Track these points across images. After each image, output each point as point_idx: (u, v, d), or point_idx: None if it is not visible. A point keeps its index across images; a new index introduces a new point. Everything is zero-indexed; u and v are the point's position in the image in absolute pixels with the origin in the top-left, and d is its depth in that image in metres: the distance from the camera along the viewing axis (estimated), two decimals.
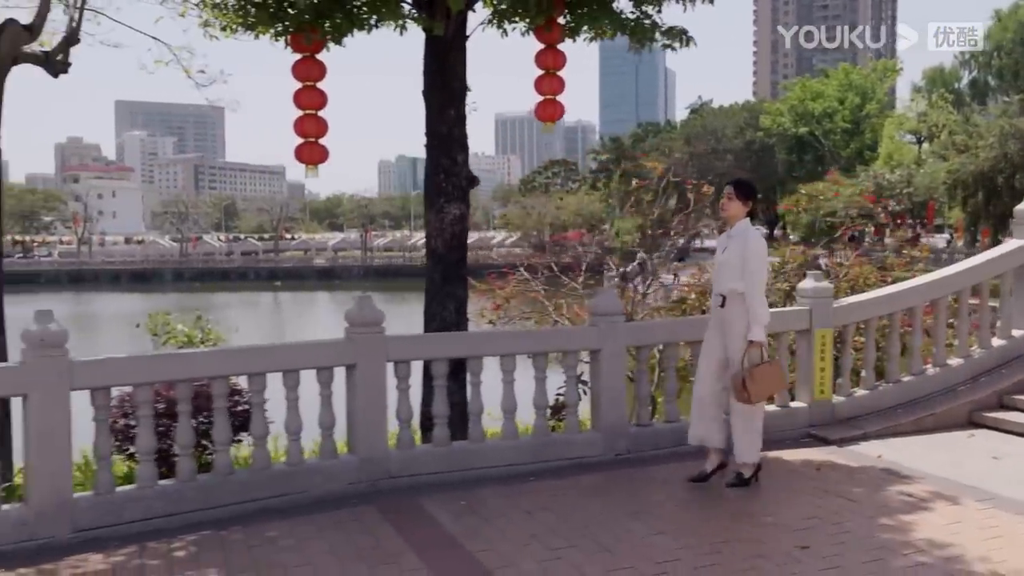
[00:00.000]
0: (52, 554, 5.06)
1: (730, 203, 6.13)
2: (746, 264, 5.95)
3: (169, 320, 8.18)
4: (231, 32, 7.85)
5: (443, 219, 7.77)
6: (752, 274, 5.95)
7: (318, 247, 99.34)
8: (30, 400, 5.16)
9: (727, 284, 6.05)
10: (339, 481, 6.26)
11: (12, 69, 6.47)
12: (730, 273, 6.04)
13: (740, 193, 6.14)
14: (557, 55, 8.11)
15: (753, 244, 6.01)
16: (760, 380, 5.93)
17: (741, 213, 6.12)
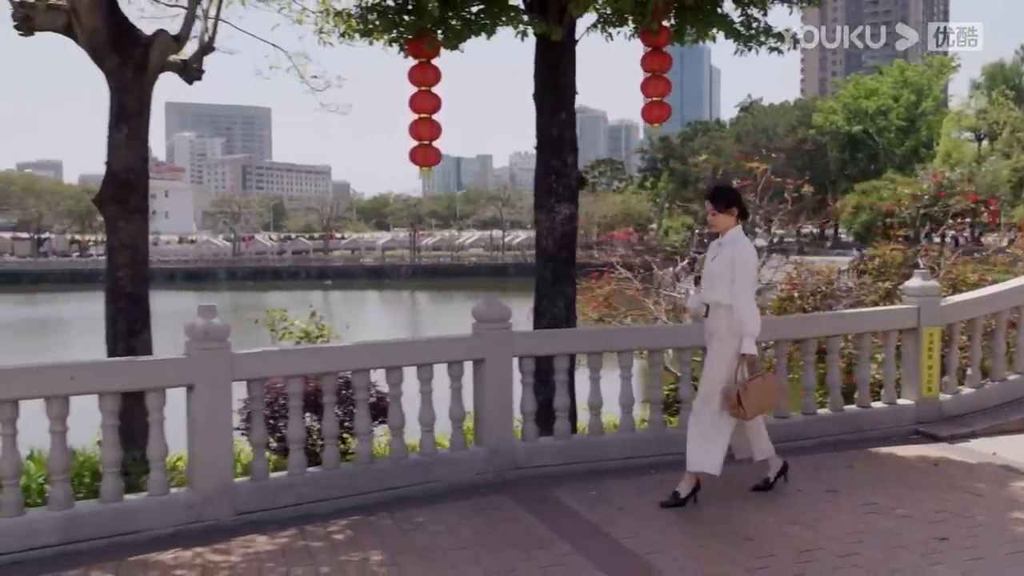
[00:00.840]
0: (219, 535, 5.37)
1: (714, 218, 5.79)
2: (735, 275, 5.64)
3: (286, 316, 8.49)
4: (348, 38, 8.13)
5: (554, 219, 7.97)
6: (740, 285, 5.65)
7: (367, 246, 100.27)
8: (196, 390, 5.46)
9: (713, 294, 5.76)
10: (468, 471, 6.50)
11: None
12: (719, 283, 5.72)
13: (720, 204, 5.78)
14: (663, 58, 8.27)
15: (742, 253, 5.70)
16: (754, 394, 5.68)
17: (730, 222, 5.77)
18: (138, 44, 6.58)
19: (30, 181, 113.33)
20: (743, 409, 5.67)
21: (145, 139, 6.71)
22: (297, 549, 5.15)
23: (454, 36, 7.64)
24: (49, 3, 6.49)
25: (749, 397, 5.66)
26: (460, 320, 19.97)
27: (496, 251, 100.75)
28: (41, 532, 5.06)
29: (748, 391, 5.66)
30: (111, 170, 6.55)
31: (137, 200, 6.61)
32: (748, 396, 5.65)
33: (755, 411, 5.79)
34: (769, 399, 5.98)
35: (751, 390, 5.67)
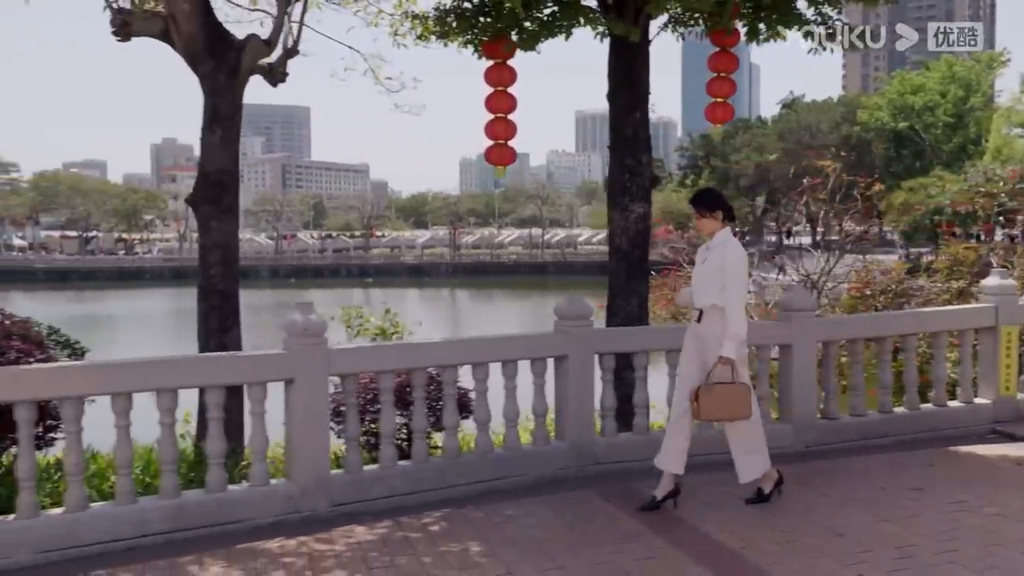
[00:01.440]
0: (318, 526, 5.53)
1: (700, 222, 5.75)
2: (725, 277, 5.55)
3: (362, 313, 8.67)
4: (424, 40, 8.28)
5: (628, 217, 8.06)
6: (731, 288, 5.54)
7: (407, 244, 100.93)
8: (295, 384, 5.63)
9: (705, 298, 5.65)
10: (551, 466, 6.61)
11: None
12: (709, 287, 5.63)
13: (703, 208, 5.70)
14: (731, 59, 8.32)
15: (732, 256, 5.59)
16: (716, 399, 5.49)
17: (716, 225, 5.68)
18: (231, 48, 6.77)
19: (77, 180, 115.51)
20: (698, 407, 5.51)
21: (236, 141, 6.91)
22: (397, 540, 5.29)
23: (530, 37, 7.76)
24: (146, 10, 6.71)
25: (709, 399, 5.47)
26: (506, 318, 19.96)
27: (535, 249, 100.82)
28: (152, 520, 5.25)
29: (712, 393, 5.48)
30: (204, 171, 6.75)
31: (229, 200, 6.81)
32: (708, 398, 5.47)
33: (710, 415, 5.60)
34: (730, 410, 5.59)
35: (716, 394, 5.48)
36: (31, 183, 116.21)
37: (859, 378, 7.50)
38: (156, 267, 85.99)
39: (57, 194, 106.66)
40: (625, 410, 7.14)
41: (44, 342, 5.51)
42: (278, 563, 4.91)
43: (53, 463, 6.51)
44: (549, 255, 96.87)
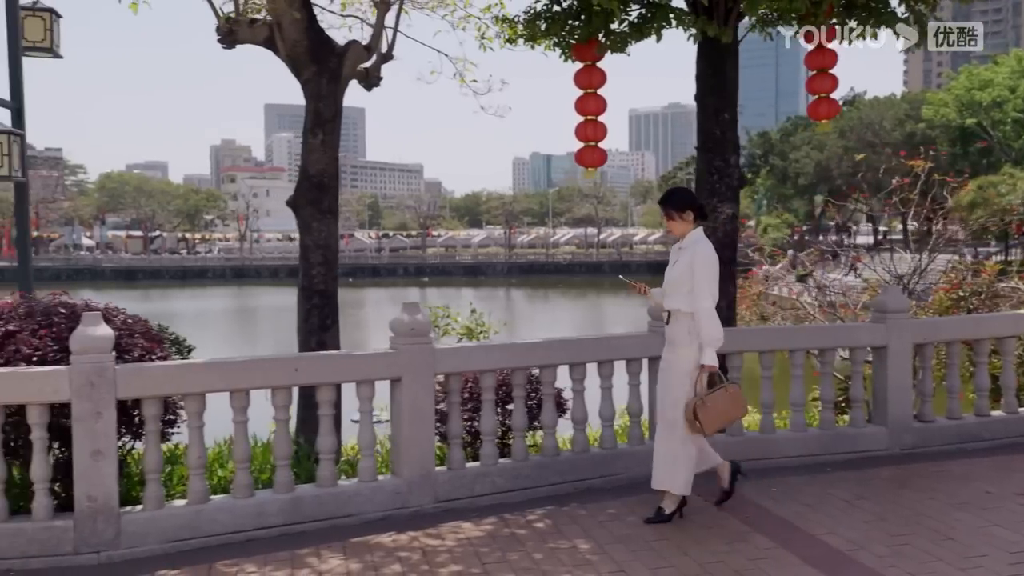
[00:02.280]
0: (425, 521, 5.65)
1: (671, 223, 5.58)
2: (694, 280, 5.38)
3: (449, 313, 8.79)
4: (512, 43, 8.36)
5: (716, 218, 8.03)
6: (700, 290, 5.37)
7: (462, 244, 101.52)
8: (403, 383, 5.76)
9: (674, 302, 5.51)
10: (647, 466, 6.56)
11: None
12: (677, 289, 5.48)
13: (673, 208, 5.55)
14: (829, 54, 8.23)
15: (701, 257, 5.41)
16: (714, 409, 5.37)
17: (688, 226, 5.53)
18: (333, 54, 6.93)
19: (142, 181, 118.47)
20: (700, 424, 5.35)
21: (337, 144, 7.07)
22: (504, 536, 5.39)
23: (620, 40, 7.79)
24: (251, 18, 6.91)
25: (708, 412, 5.34)
26: (561, 317, 19.63)
27: (590, 249, 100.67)
28: (269, 513, 5.43)
29: (707, 405, 5.34)
30: (307, 173, 6.93)
31: (330, 201, 6.98)
32: (707, 411, 5.34)
33: (714, 427, 5.47)
34: (730, 413, 5.54)
35: (710, 404, 5.35)
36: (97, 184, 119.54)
37: (955, 381, 7.41)
38: (218, 266, 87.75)
39: (122, 195, 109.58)
40: None
41: (163, 340, 5.70)
42: (394, 557, 5.04)
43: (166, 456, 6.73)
44: (604, 254, 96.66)
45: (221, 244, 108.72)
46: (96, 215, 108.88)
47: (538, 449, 6.61)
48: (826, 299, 10.28)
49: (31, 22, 8.36)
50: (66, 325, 5.29)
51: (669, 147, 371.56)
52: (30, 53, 8.33)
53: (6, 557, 4.91)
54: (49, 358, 5.13)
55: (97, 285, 69.95)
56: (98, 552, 5.00)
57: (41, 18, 8.42)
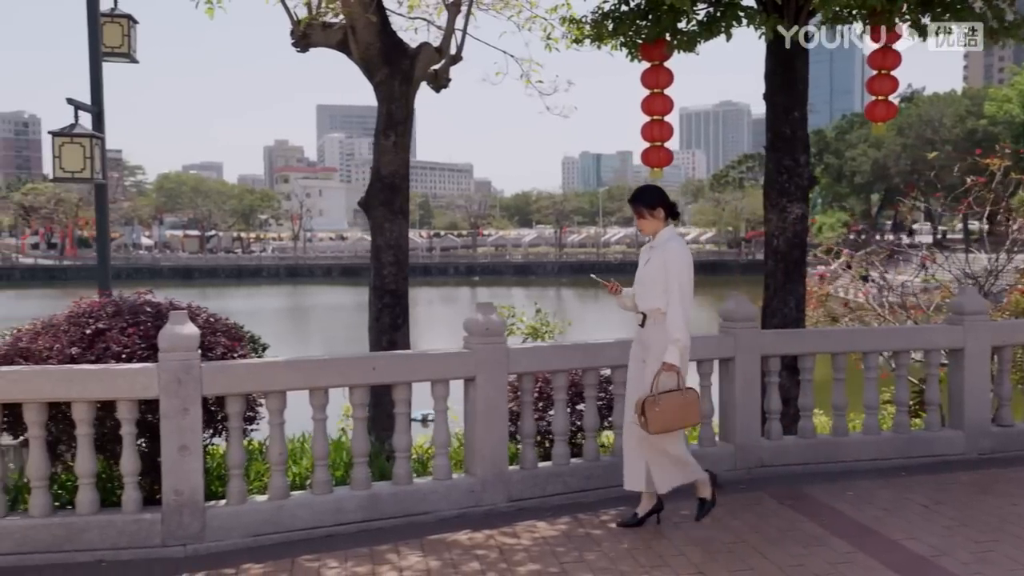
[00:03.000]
0: (499, 519, 5.69)
1: (641, 221, 5.43)
2: (667, 280, 5.22)
3: (515, 312, 8.83)
4: (577, 44, 8.37)
5: (785, 218, 7.98)
6: (672, 290, 5.21)
7: (513, 243, 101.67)
8: (477, 382, 5.81)
9: (647, 302, 5.35)
10: (717, 467, 6.57)
11: None
12: (651, 289, 5.32)
13: (644, 205, 5.39)
14: (892, 55, 8.11)
15: (674, 255, 5.26)
16: (664, 409, 5.13)
17: (658, 224, 5.39)
18: (405, 56, 7.02)
19: (198, 181, 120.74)
20: (645, 420, 5.13)
21: (408, 146, 7.16)
22: (580, 536, 5.40)
23: (688, 39, 7.76)
24: (325, 21, 7.02)
25: (657, 411, 5.12)
26: (613, 317, 18.98)
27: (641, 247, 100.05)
28: (347, 509, 5.51)
29: (659, 404, 5.13)
30: (379, 174, 7.03)
31: (401, 202, 7.06)
32: (656, 409, 5.12)
33: (660, 427, 5.17)
34: (680, 419, 5.24)
35: (663, 404, 5.13)
36: (155, 185, 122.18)
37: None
38: (272, 265, 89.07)
39: (180, 195, 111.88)
40: (786, 413, 7.11)
41: (243, 338, 5.82)
42: (471, 555, 5.08)
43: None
44: None
45: (275, 243, 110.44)
46: (154, 215, 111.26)
47: (608, 449, 6.62)
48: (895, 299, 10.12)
49: (109, 28, 8.58)
50: (152, 324, 5.43)
51: (720, 145, 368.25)
52: (108, 58, 8.55)
53: (98, 548, 5.07)
54: (137, 356, 5.28)
55: (156, 284, 71.18)
56: (184, 545, 5.13)
57: (119, 24, 8.65)
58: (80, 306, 5.61)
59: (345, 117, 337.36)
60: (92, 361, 5.21)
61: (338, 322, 46.73)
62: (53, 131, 7.69)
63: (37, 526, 5.04)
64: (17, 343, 5.35)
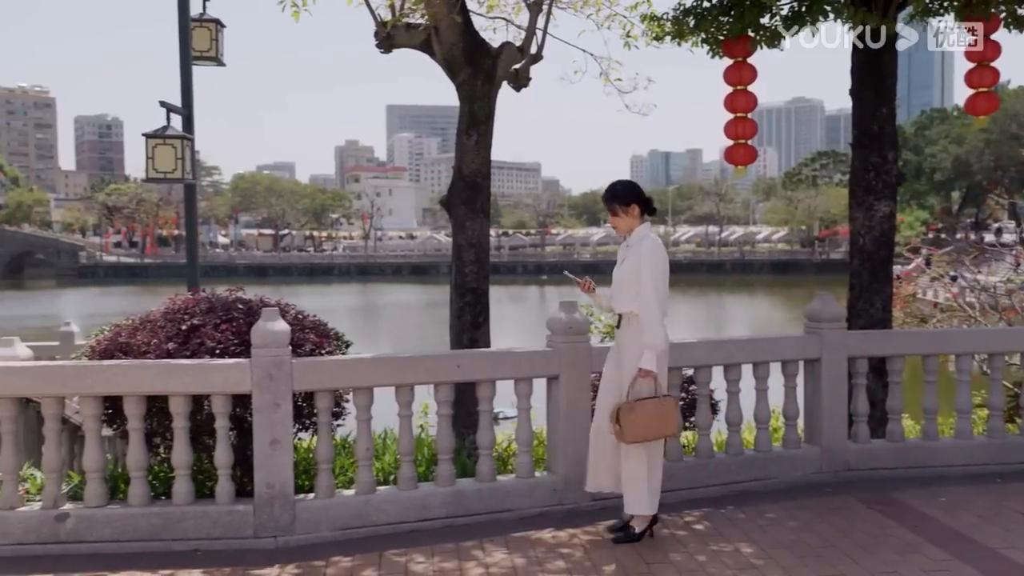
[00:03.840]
0: (582, 518, 5.68)
1: (616, 219, 5.21)
2: (641, 280, 5.02)
3: (592, 312, 8.79)
4: (658, 41, 8.31)
5: (872, 216, 7.79)
6: (647, 291, 5.00)
7: (581, 242, 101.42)
8: (560, 380, 5.81)
9: (622, 304, 5.15)
10: (803, 470, 6.52)
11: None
12: (626, 290, 5.11)
13: (617, 202, 5.18)
14: (992, 46, 7.85)
15: (647, 255, 5.03)
16: (639, 417, 4.94)
17: (634, 222, 5.17)
18: (488, 56, 7.06)
19: (272, 181, 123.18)
20: (620, 429, 4.96)
21: (490, 145, 7.19)
22: (664, 537, 5.36)
23: (772, 35, 7.64)
24: (408, 22, 7.11)
25: (632, 419, 4.93)
26: (681, 319, 18.75)
27: (712, 247, 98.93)
28: (432, 505, 5.57)
29: (634, 411, 4.94)
30: (461, 173, 7.08)
31: (482, 201, 7.10)
32: (632, 417, 4.93)
33: (635, 436, 4.98)
34: (656, 427, 5.03)
35: (638, 411, 4.94)
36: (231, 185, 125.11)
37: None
38: (343, 264, 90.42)
39: (254, 195, 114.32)
40: (872, 416, 6.95)
41: (331, 335, 5.92)
42: (556, 553, 5.09)
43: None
44: (726, 253, 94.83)
45: (346, 242, 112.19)
46: (230, 214, 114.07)
47: (691, 450, 6.56)
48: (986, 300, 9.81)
49: (198, 32, 8.82)
50: (244, 320, 5.56)
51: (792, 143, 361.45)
52: (197, 62, 8.79)
53: (192, 538, 5.21)
54: (230, 351, 5.41)
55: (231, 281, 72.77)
56: (275, 537, 5.24)
57: (207, 28, 8.88)
58: (175, 303, 5.77)
59: (414, 117, 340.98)
60: (187, 356, 5.36)
61: (409, 320, 47.29)
62: (147, 133, 7.94)
63: (136, 515, 5.21)
64: (117, 338, 5.54)
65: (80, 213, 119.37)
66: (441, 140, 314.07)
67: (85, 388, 5.21)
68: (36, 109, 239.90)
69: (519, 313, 47.06)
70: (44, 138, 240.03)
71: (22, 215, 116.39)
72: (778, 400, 6.75)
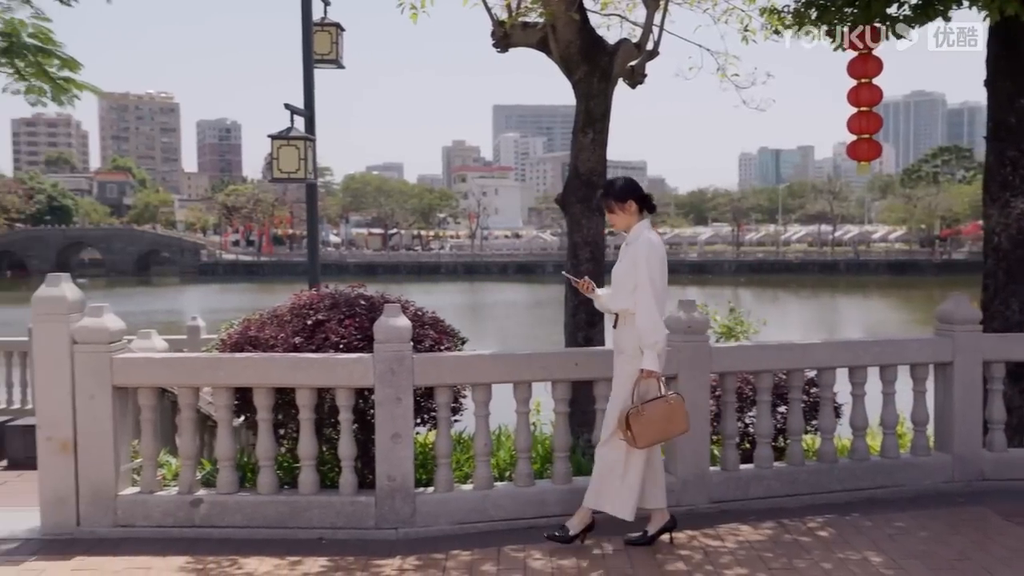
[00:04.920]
0: (700, 521, 5.58)
1: (612, 216, 5.08)
2: (637, 278, 4.85)
3: (708, 311, 8.64)
4: (777, 34, 8.11)
5: (1008, 214, 7.42)
6: (643, 289, 4.83)
7: (688, 241, 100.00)
8: (678, 380, 5.69)
9: (618, 302, 5.01)
10: (933, 478, 6.25)
11: None
12: (621, 289, 4.96)
13: (613, 199, 5.06)
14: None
15: (643, 252, 4.87)
16: (650, 420, 4.79)
17: (632, 219, 5.01)
18: (604, 53, 7.03)
19: (382, 181, 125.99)
20: (632, 435, 4.79)
21: (606, 143, 7.16)
22: (786, 542, 5.23)
23: (903, 24, 7.36)
24: (525, 21, 7.14)
25: (643, 423, 4.78)
26: (794, 319, 18.09)
27: (824, 247, 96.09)
28: (549, 502, 5.58)
29: (643, 415, 4.78)
30: (577, 171, 7.08)
31: (598, 199, 7.06)
32: (642, 421, 4.78)
33: (648, 440, 4.84)
34: (668, 428, 4.90)
35: (647, 415, 4.79)
36: (342, 185, 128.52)
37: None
38: (450, 262, 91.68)
39: (364, 195, 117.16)
40: (1010, 424, 6.61)
41: (449, 332, 5.99)
42: (676, 556, 5.02)
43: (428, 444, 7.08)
44: (839, 253, 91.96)
45: (452, 241, 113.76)
46: (341, 214, 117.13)
47: (813, 454, 6.37)
48: None
49: (319, 36, 9.08)
50: (366, 316, 5.69)
51: (911, 138, 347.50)
52: (319, 65, 9.05)
53: (317, 527, 5.37)
54: (353, 346, 5.54)
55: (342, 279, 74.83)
56: (396, 528, 5.35)
57: (328, 32, 9.14)
58: (301, 298, 5.95)
59: (520, 117, 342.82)
60: (313, 350, 5.52)
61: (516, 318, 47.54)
62: (272, 134, 8.23)
63: (264, 502, 5.40)
64: (247, 332, 5.75)
65: (201, 213, 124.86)
66: (546, 139, 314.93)
67: (219, 379, 5.44)
68: (162, 114, 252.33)
69: None
70: (169, 142, 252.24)
71: (149, 215, 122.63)
72: (904, 404, 6.51)
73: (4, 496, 7.92)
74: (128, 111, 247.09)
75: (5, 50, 7.69)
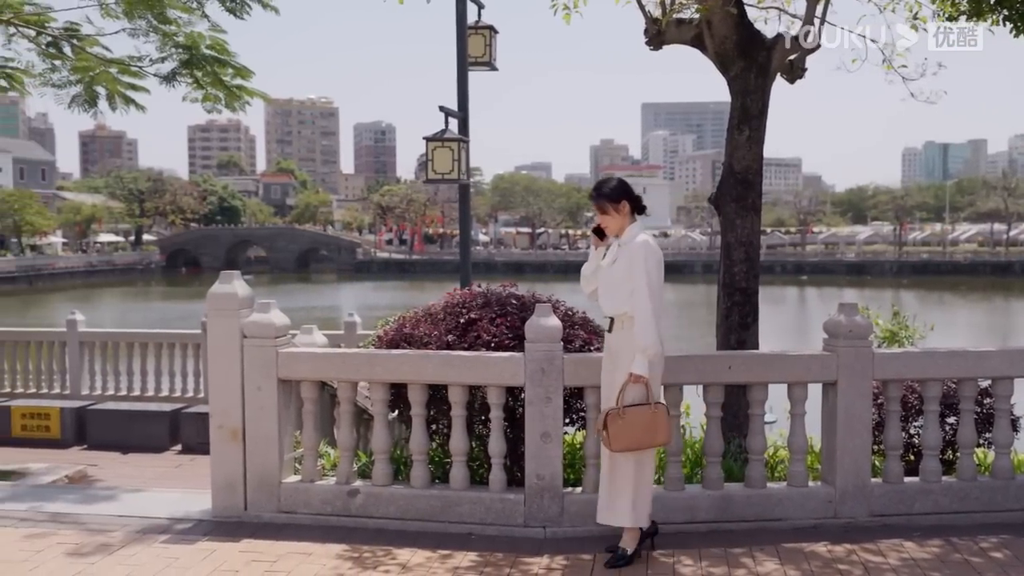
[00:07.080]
0: (860, 535, 5.34)
1: (604, 218, 4.89)
2: (633, 280, 4.71)
3: (869, 315, 8.24)
4: (952, 21, 7.63)
5: None
6: (640, 292, 4.68)
7: (846, 241, 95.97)
8: (838, 387, 5.50)
9: (613, 306, 4.85)
10: None
11: None
12: (618, 291, 4.80)
13: (605, 200, 4.89)
14: None
15: (641, 254, 4.72)
16: (629, 425, 4.62)
17: (625, 220, 4.88)
18: (762, 48, 6.81)
19: (530, 181, 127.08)
20: (607, 436, 4.66)
21: (762, 140, 6.94)
22: (955, 562, 4.92)
23: None
24: (679, 18, 7.02)
25: (621, 426, 4.64)
26: (960, 323, 16.99)
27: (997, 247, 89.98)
28: (699, 508, 5.47)
29: (623, 418, 4.65)
30: (732, 169, 6.89)
31: (753, 198, 6.87)
32: (621, 424, 4.64)
33: (622, 445, 4.68)
34: (646, 436, 4.70)
35: (628, 418, 4.65)
36: (491, 185, 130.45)
37: None
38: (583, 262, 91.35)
39: (512, 194, 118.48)
40: None
41: (599, 332, 5.96)
42: (833, 569, 4.82)
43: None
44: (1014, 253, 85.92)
45: None
46: (490, 213, 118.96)
47: (985, 469, 5.97)
48: None
49: (473, 39, 9.23)
50: (517, 315, 5.75)
51: None
52: (473, 67, 9.20)
53: (467, 522, 5.47)
54: (504, 345, 5.61)
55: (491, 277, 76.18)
56: (544, 527, 5.38)
57: (482, 35, 9.28)
58: (454, 297, 6.08)
59: (669, 114, 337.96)
60: (465, 348, 5.63)
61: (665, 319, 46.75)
62: (427, 136, 8.44)
63: (417, 496, 5.55)
64: (402, 328, 5.92)
65: (357, 213, 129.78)
66: (696, 137, 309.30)
67: (376, 375, 5.63)
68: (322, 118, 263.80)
69: (779, 314, 45.28)
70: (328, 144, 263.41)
71: (309, 215, 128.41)
72: None
73: (179, 479, 8.49)
74: (291, 116, 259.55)
75: (186, 62, 8.21)
